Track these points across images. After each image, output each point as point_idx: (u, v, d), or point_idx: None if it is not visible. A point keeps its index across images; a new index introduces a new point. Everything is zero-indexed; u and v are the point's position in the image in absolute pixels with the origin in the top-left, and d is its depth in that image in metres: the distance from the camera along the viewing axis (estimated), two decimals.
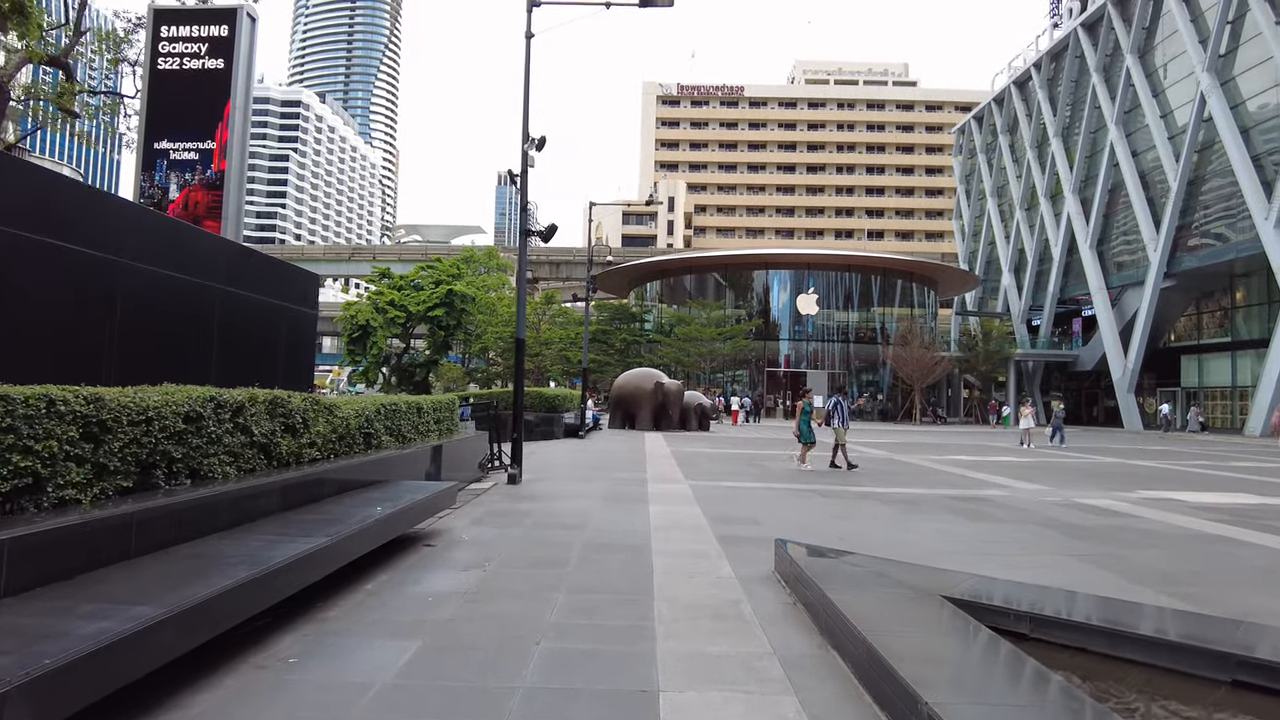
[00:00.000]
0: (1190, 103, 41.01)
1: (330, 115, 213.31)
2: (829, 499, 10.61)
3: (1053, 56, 55.35)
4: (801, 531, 7.80)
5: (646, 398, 28.57)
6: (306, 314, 8.58)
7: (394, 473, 7.77)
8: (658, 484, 11.58)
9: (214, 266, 6.90)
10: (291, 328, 8.23)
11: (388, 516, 5.70)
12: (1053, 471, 15.72)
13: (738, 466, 15.22)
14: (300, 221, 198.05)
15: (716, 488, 11.39)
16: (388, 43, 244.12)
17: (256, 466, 5.51)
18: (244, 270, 7.55)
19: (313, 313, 8.80)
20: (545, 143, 11.61)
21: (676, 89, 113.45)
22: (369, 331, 49.78)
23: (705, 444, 21.92)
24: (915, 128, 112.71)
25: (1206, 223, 41.00)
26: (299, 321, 8.41)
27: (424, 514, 6.88)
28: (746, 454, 18.59)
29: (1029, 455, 20.93)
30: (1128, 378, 45.34)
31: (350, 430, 7.18)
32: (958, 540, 7.72)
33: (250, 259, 8.10)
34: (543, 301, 50.82)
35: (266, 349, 7.92)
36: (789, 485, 12.06)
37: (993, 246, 64.51)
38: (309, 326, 8.76)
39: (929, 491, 11.72)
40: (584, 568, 5.99)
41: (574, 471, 13.61)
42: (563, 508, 9.17)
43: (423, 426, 9.58)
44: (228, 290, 7.02)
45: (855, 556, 5.56)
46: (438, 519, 7.95)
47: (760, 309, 52.70)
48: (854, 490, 11.66)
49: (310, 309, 8.70)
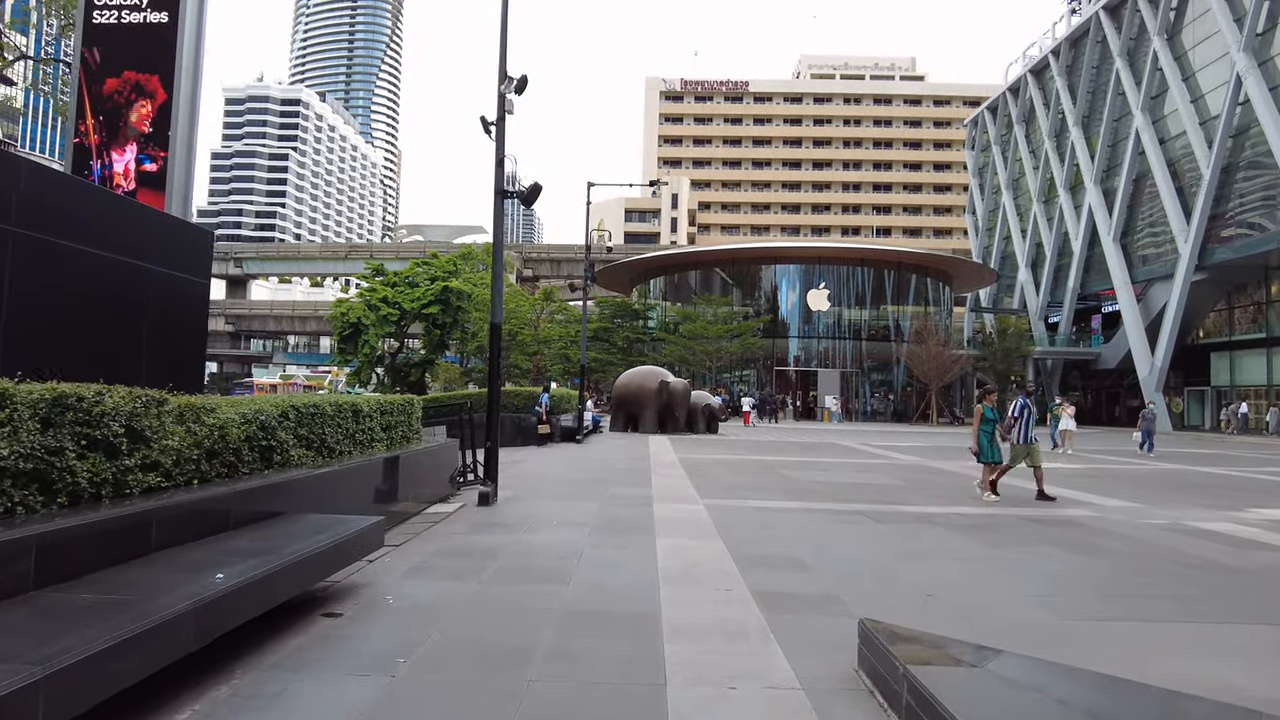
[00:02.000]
0: (1224, 85, 38.70)
1: (331, 114, 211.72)
2: (883, 524, 8.41)
3: (1072, 43, 53.03)
4: (865, 579, 5.63)
5: (650, 398, 26.35)
6: (194, 285, 6.31)
7: (304, 500, 5.59)
8: (666, 504, 9.38)
9: (4, 200, 4.66)
10: (165, 302, 5.97)
11: (240, 587, 3.53)
12: (1126, 482, 13.51)
13: (758, 478, 13.01)
14: (300, 221, 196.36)
15: (739, 509, 9.19)
16: (389, 42, 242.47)
17: (13, 508, 3.35)
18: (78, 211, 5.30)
19: (203, 283, 6.52)
20: (526, 84, 9.42)
21: (680, 84, 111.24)
22: (361, 330, 47.55)
23: (717, 449, 19.72)
24: (923, 123, 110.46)
25: (1242, 212, 38.66)
26: (180, 295, 6.15)
27: (328, 566, 4.69)
28: (765, 461, 16.37)
29: (1077, 461, 18.70)
30: (1155, 376, 42.99)
31: (229, 443, 5.00)
32: (1085, 592, 5.54)
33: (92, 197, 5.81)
34: (542, 298, 48.55)
35: (123, 331, 5.69)
36: (826, 505, 9.86)
37: (1008, 241, 62.17)
38: (196, 304, 6.50)
39: (999, 511, 9.52)
40: (558, 667, 3.80)
41: (564, 486, 11.39)
42: (542, 543, 6.97)
43: (362, 435, 7.40)
44: (36, 238, 4.78)
45: (1004, 659, 3.36)
46: (365, 565, 5.79)
47: (768, 306, 50.45)
48: (908, 511, 9.46)
49: (200, 278, 6.43)
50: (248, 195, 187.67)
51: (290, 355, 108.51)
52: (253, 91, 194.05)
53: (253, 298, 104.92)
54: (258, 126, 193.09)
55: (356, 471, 6.77)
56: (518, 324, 44.63)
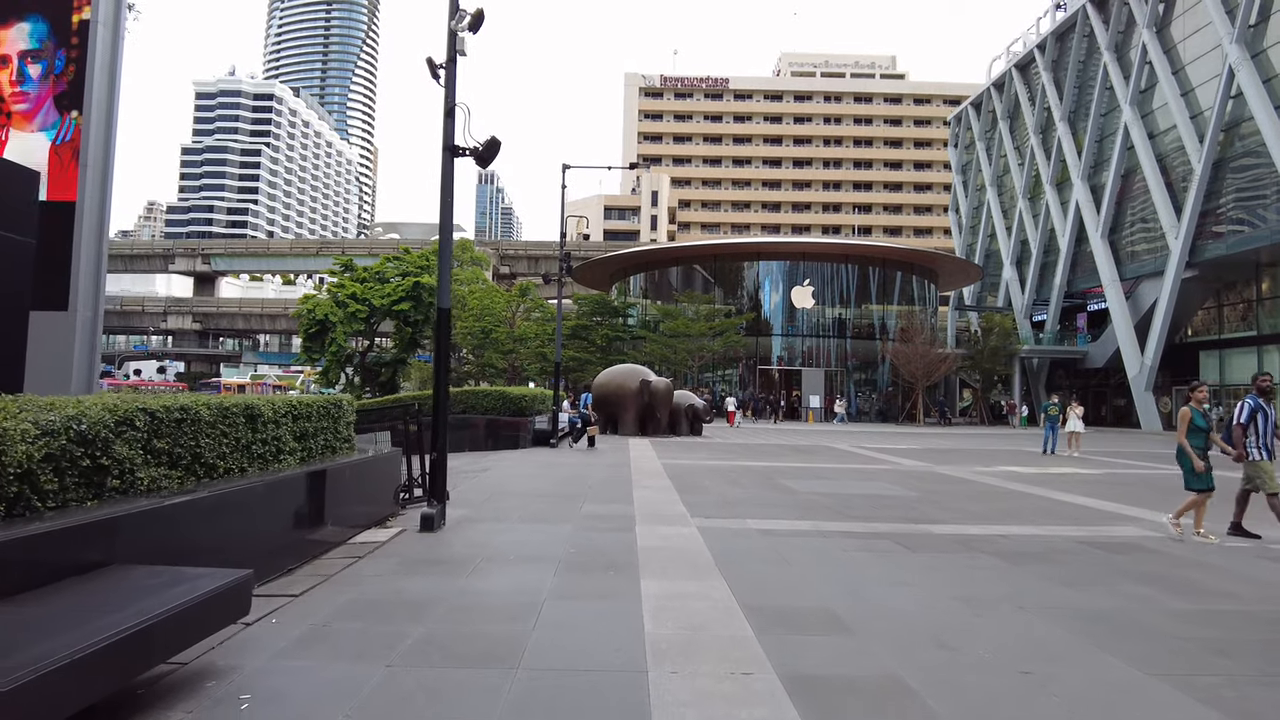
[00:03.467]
0: (1216, 78, 37.83)
1: (305, 110, 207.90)
2: (918, 553, 6.86)
3: (1058, 37, 52.18)
4: (928, 646, 4.07)
5: (631, 398, 24.75)
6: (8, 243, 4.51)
7: (149, 543, 3.94)
8: (652, 527, 7.78)
9: None
10: None
11: None
12: (1168, 492, 12.12)
13: (755, 490, 11.44)
14: (273, 219, 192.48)
15: (740, 533, 7.61)
16: (365, 37, 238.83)
17: None
18: None
19: (25, 241, 4.71)
20: (483, 20, 7.79)
21: (660, 80, 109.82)
22: (328, 328, 45.49)
23: (704, 454, 18.17)
24: (903, 121, 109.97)
25: (1234, 207, 37.80)
26: None
27: (135, 658, 3.05)
28: (758, 468, 14.82)
29: (1088, 465, 17.38)
30: (1145, 375, 42.12)
31: (6, 466, 3.35)
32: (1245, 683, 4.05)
33: None
34: (517, 294, 46.73)
35: None
36: (841, 526, 8.31)
37: (992, 239, 61.26)
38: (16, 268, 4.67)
39: (1048, 531, 8.03)
40: None
41: (530, 502, 9.73)
42: (491, 590, 5.33)
43: (263, 447, 5.73)
44: None
45: None
46: (241, 630, 4.15)
47: (751, 304, 49.03)
48: (941, 533, 7.94)
49: (21, 234, 4.62)
50: (219, 191, 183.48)
51: (261, 355, 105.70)
52: (224, 86, 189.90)
53: (222, 295, 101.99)
54: (229, 121, 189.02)
55: (248, 495, 5.11)
56: (492, 321, 42.81)
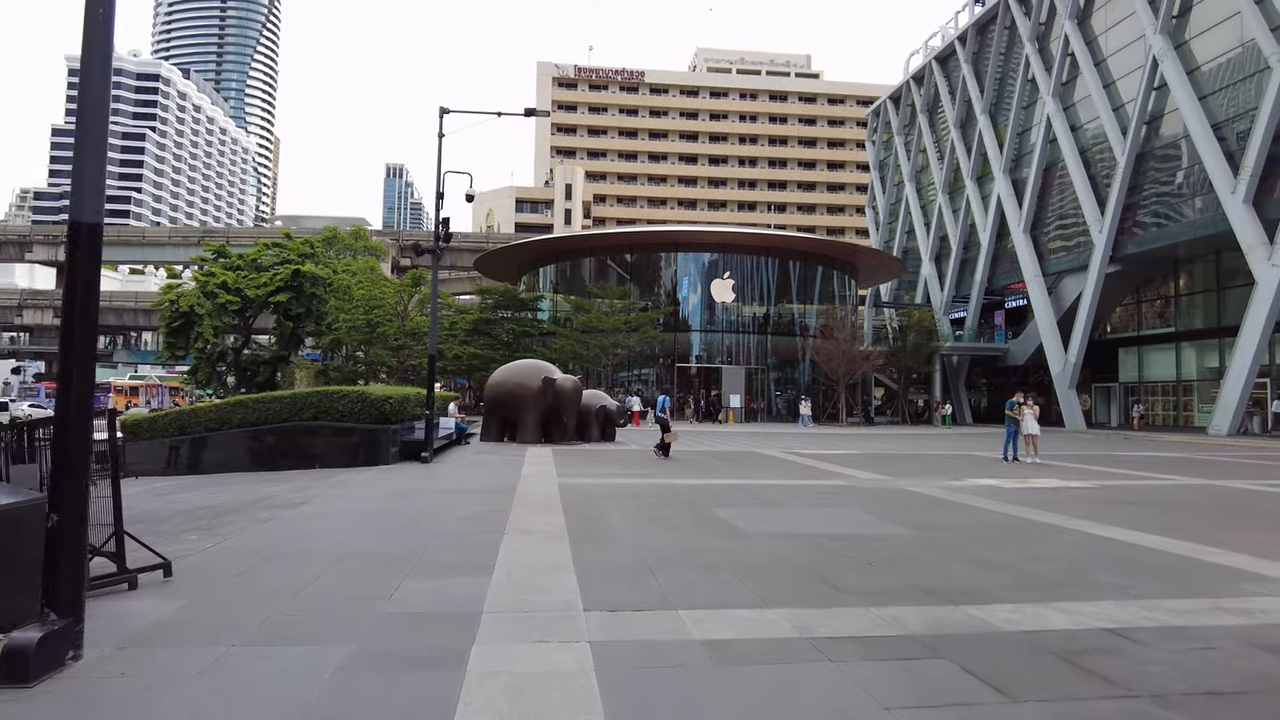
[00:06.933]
0: (1139, 70, 37.00)
1: (196, 94, 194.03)
2: (1018, 707, 3.61)
3: (979, 29, 51.26)
4: None
5: (532, 399, 20.97)
6: None
7: None
8: (503, 650, 4.15)
9: None
10: None
11: None
12: (1168, 507, 9.37)
13: (687, 530, 7.99)
14: (159, 208, 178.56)
15: (673, 658, 4.11)
16: (265, 23, 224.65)
17: None
18: None
19: None
20: None
21: (574, 71, 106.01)
22: (194, 321, 39.62)
23: (615, 466, 14.70)
24: (818, 121, 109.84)
25: (1156, 201, 37.05)
26: None
27: None
28: (684, 487, 11.41)
29: (1076, 476, 14.82)
30: (1069, 372, 41.17)
31: None
32: None
33: None
34: (410, 283, 42.07)
35: None
36: (840, 617, 4.97)
37: (910, 235, 60.21)
38: None
39: (1175, 618, 4.91)
40: None
41: (314, 577, 5.95)
42: None
43: None
44: None
45: None
46: None
47: (669, 299, 45.99)
48: (1015, 632, 4.69)
49: None
50: None
51: (136, 354, 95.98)
52: None
53: None
54: None
55: None
56: (381, 314, 38.15)
